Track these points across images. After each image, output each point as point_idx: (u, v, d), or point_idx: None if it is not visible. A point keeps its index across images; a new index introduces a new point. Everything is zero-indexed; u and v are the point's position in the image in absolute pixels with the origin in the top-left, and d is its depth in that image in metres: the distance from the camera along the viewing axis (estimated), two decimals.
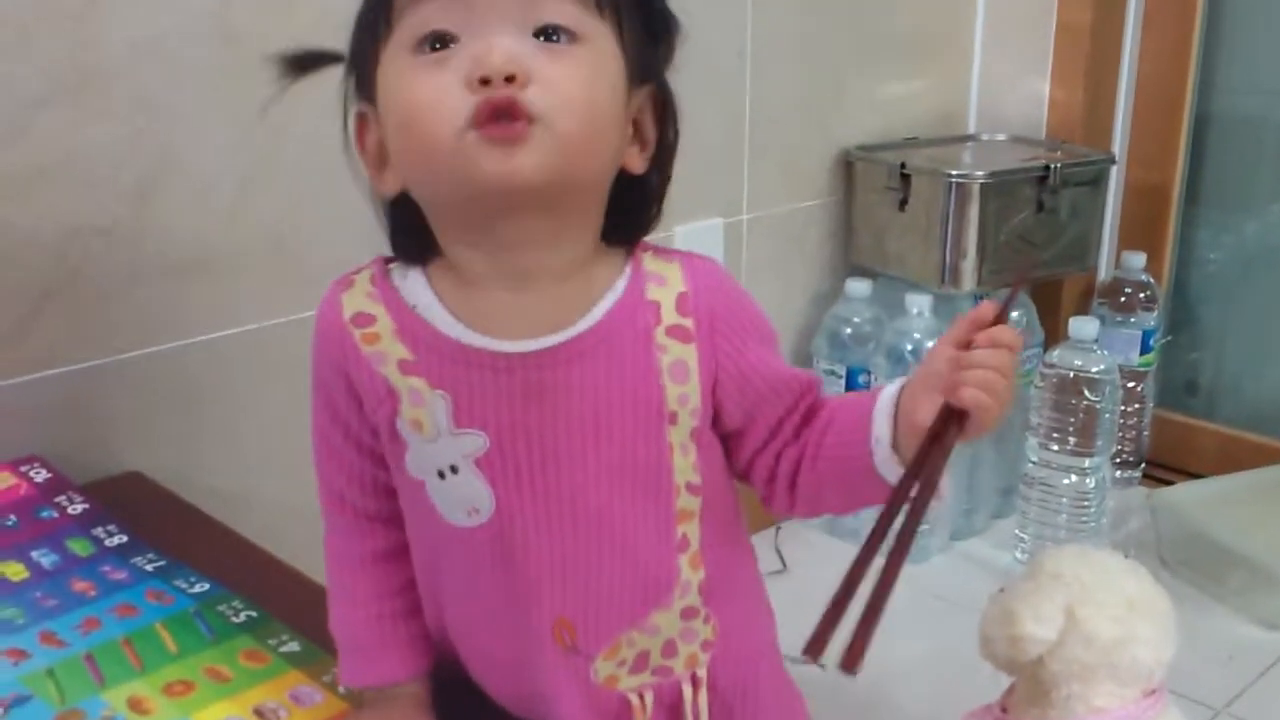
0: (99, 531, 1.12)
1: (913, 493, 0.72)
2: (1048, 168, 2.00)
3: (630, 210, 0.77)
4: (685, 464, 0.78)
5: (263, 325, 1.40)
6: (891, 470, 0.75)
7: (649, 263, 0.78)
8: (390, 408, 0.77)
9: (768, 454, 0.81)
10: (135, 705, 0.87)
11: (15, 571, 1.05)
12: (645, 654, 0.80)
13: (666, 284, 0.77)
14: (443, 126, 0.68)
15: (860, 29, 2.07)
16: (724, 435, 0.81)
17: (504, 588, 0.78)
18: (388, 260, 0.80)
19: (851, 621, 0.70)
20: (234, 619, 0.98)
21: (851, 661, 0.69)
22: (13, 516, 1.13)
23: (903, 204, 2.01)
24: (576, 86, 0.69)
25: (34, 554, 1.07)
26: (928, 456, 0.72)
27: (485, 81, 0.66)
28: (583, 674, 0.79)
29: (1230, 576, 1.89)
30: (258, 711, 0.87)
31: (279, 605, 1.00)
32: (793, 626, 1.84)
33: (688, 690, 0.81)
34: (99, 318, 1.29)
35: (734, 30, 1.88)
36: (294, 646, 0.94)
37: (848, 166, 2.10)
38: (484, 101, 0.67)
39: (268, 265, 1.39)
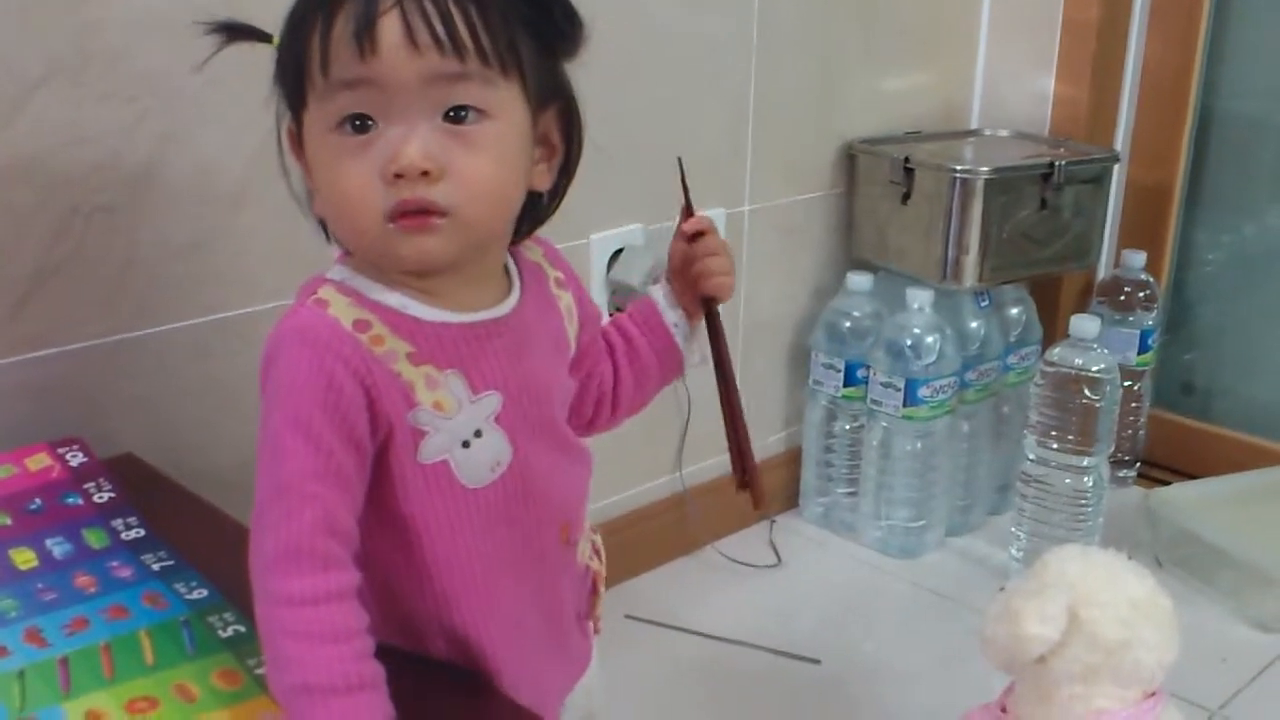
0: (118, 523, 1.10)
1: (719, 354, 1.02)
2: (1052, 165, 1.99)
3: (534, 214, 0.92)
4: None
5: (267, 307, 1.38)
6: (688, 345, 1.04)
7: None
8: (408, 404, 0.83)
9: (592, 380, 1.02)
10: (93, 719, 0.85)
11: (25, 559, 1.03)
12: (590, 526, 1.01)
13: (530, 248, 0.95)
14: (366, 218, 0.80)
15: (865, 22, 2.06)
16: None
17: (520, 524, 0.89)
18: (323, 279, 0.86)
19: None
20: (221, 632, 0.95)
21: (759, 499, 1.00)
22: (39, 500, 1.11)
23: (905, 198, 2.00)
24: (485, 175, 0.80)
25: (48, 542, 1.06)
26: (712, 324, 1.02)
27: (399, 175, 0.78)
28: (572, 560, 0.97)
29: (1224, 577, 1.89)
30: None
31: None
32: (794, 620, 1.87)
33: (596, 539, 1.03)
34: (98, 298, 1.27)
35: (739, 22, 1.87)
36: None
37: (850, 160, 2.09)
38: (399, 202, 0.79)
39: (273, 247, 1.38)
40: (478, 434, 0.86)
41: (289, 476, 0.80)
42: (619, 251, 1.78)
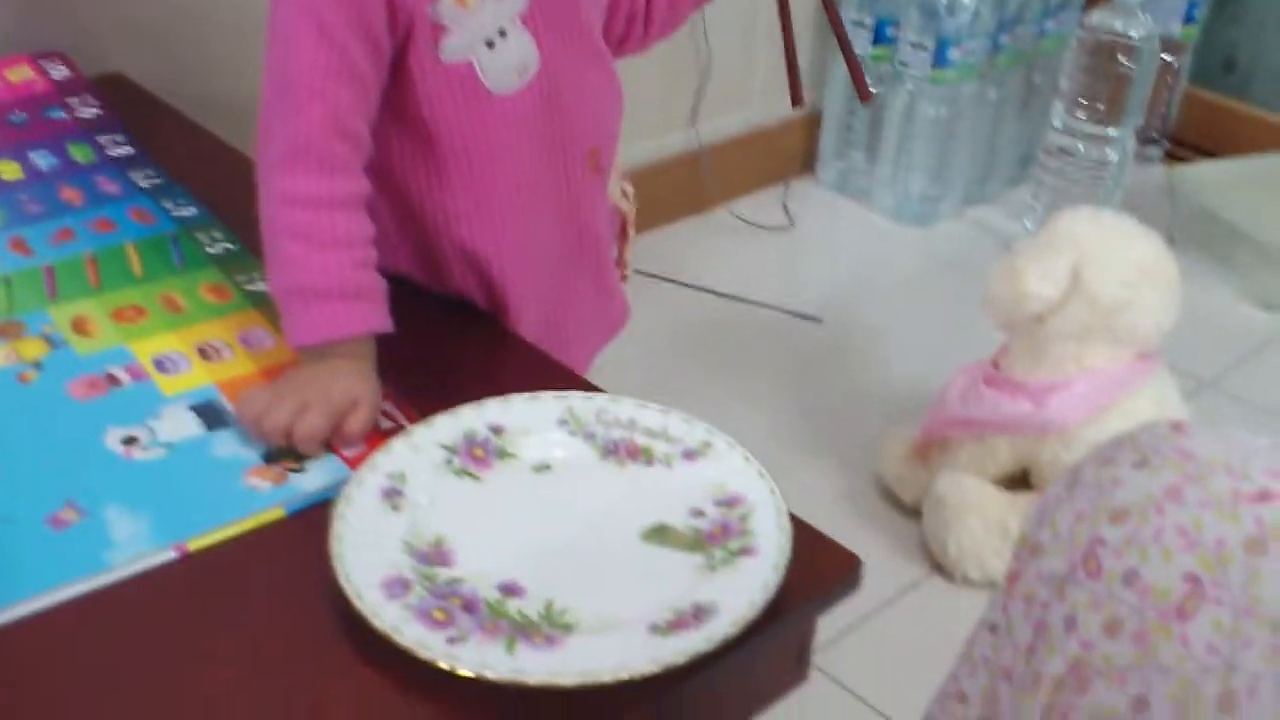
0: (104, 139, 1.07)
1: None
2: None
3: None
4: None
5: None
6: None
7: None
8: None
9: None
10: (78, 325, 0.85)
11: (10, 170, 1.02)
12: (615, 161, 0.97)
13: None
14: None
15: None
16: None
17: (548, 141, 0.86)
18: None
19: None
20: (209, 248, 0.95)
21: (797, 96, 1.00)
22: (22, 112, 1.08)
23: None
24: None
25: (32, 155, 1.04)
26: None
27: None
28: (603, 191, 0.94)
29: (1236, 257, 1.88)
30: (200, 349, 0.84)
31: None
32: (800, 282, 1.87)
33: (629, 187, 1.02)
34: None
35: None
36: (261, 286, 0.88)
37: None
38: None
39: None
40: (502, 33, 0.81)
41: (298, 71, 0.77)
42: None
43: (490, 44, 0.81)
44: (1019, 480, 1.32)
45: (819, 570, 0.69)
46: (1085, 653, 0.50)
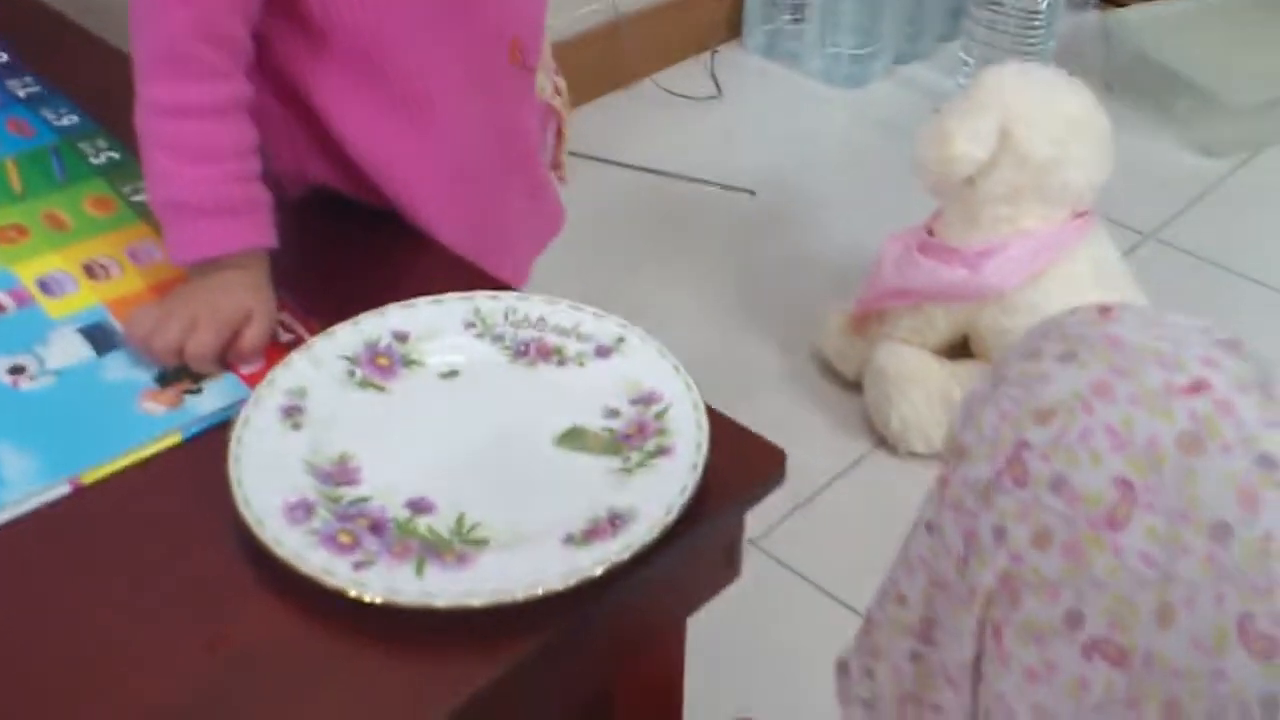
0: None
1: None
2: None
3: None
4: None
5: None
6: None
7: None
8: None
9: None
10: None
11: None
12: (544, 55, 0.90)
13: None
14: None
15: None
16: None
17: (461, 33, 0.80)
18: None
19: None
20: (93, 159, 0.89)
21: None
22: None
23: None
24: None
25: None
26: None
27: None
28: (530, 88, 0.88)
29: (1177, 102, 1.84)
30: (87, 268, 0.80)
31: None
32: (731, 153, 1.82)
33: (560, 81, 0.96)
34: None
35: None
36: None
37: None
38: None
39: None
40: None
41: None
42: None
43: None
44: (960, 348, 1.30)
45: (744, 465, 0.67)
46: (1015, 565, 0.47)
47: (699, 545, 0.64)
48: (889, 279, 1.26)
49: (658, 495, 0.62)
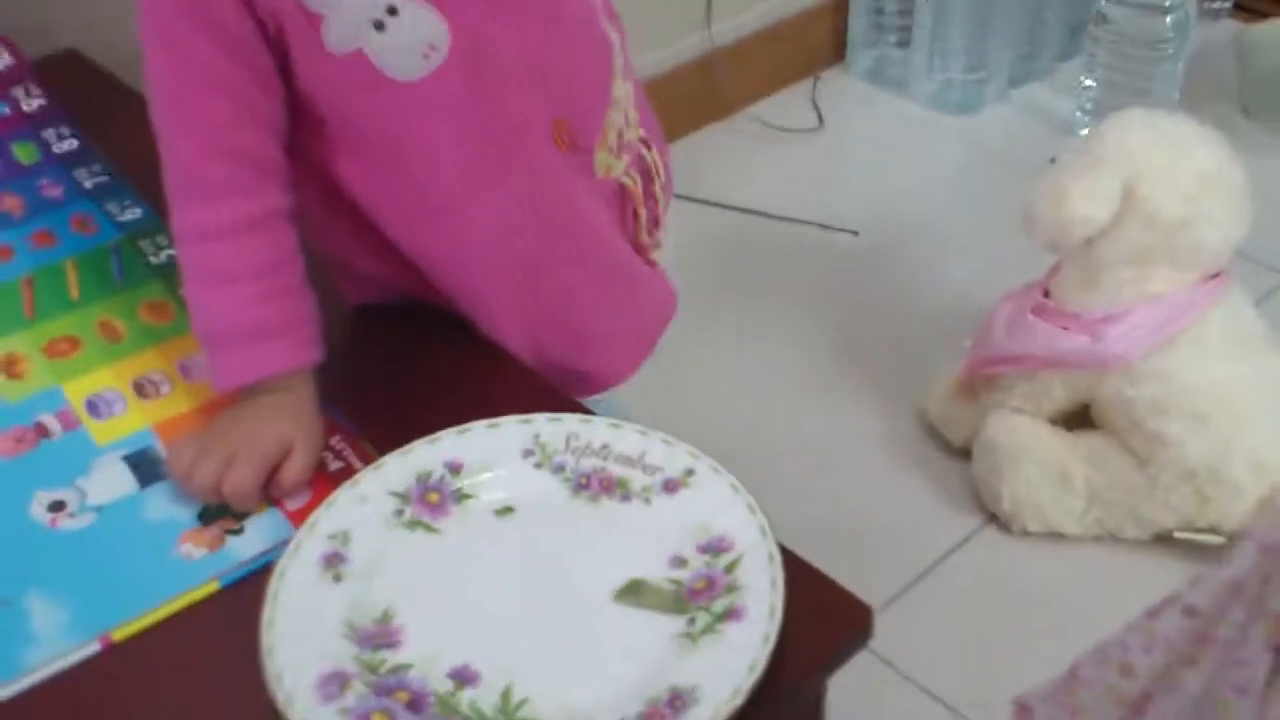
0: (49, 134, 1.00)
1: None
2: None
3: None
4: None
5: None
6: None
7: None
8: None
9: None
10: (8, 365, 0.79)
11: None
12: (620, 132, 0.81)
13: None
14: None
15: None
16: None
17: (487, 122, 0.73)
18: None
19: None
20: (152, 258, 0.87)
21: None
22: None
23: None
24: None
25: None
26: None
27: None
28: (588, 170, 0.79)
29: None
30: (137, 385, 0.77)
31: None
32: (829, 187, 1.73)
33: (648, 154, 0.85)
34: None
35: None
36: None
37: None
38: None
39: None
40: (392, 11, 0.69)
41: (164, 96, 0.71)
42: None
43: (379, 25, 0.69)
44: (1080, 417, 1.19)
45: (824, 620, 0.60)
46: None
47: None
48: (1000, 343, 1.17)
49: (724, 672, 0.56)
